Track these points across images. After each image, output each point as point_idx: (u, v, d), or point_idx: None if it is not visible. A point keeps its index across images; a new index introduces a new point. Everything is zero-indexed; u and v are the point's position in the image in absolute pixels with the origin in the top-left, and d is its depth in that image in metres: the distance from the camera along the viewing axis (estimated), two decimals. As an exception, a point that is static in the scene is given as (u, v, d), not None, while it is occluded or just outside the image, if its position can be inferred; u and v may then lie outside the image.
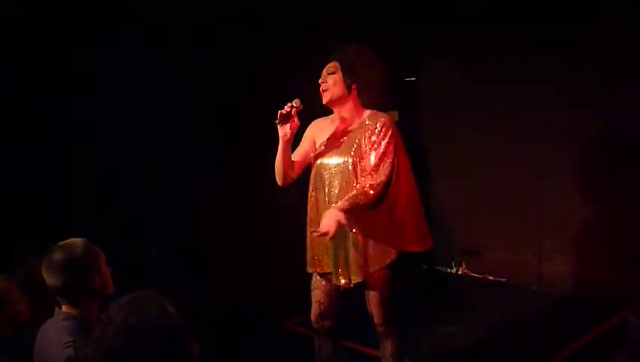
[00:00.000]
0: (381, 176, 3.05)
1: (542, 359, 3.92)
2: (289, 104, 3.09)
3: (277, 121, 3.09)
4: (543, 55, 4.71)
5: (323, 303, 3.31)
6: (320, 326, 3.34)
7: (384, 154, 3.07)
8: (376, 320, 3.25)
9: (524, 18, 4.75)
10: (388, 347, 3.31)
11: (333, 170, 3.17)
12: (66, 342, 2.13)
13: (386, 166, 3.06)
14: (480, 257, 5.44)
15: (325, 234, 2.95)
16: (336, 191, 3.14)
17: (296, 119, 3.11)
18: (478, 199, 5.30)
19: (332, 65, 3.19)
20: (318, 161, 3.23)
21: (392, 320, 3.27)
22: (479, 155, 5.25)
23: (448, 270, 5.67)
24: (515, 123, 4.99)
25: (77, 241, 2.27)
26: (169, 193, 4.28)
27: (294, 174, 3.27)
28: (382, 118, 3.15)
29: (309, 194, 3.27)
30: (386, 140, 3.08)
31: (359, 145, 3.13)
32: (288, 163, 3.21)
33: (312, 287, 3.34)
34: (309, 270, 3.32)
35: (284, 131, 3.10)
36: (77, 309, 2.25)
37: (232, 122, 4.38)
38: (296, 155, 3.29)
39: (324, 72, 3.20)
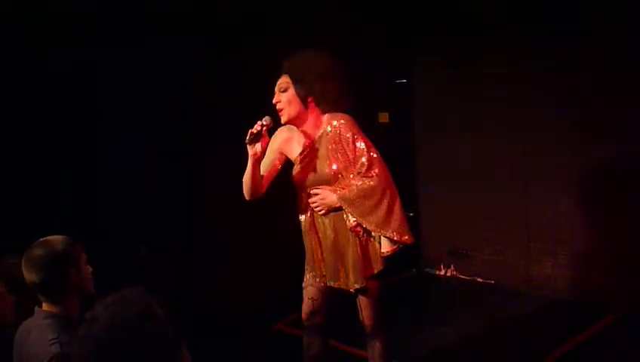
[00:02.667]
0: (374, 168, 3.05)
1: (531, 361, 3.93)
2: (259, 122, 2.99)
3: (247, 141, 3.00)
4: (533, 56, 4.73)
5: (316, 300, 3.28)
6: (311, 324, 3.31)
7: (364, 151, 3.05)
8: (367, 321, 3.23)
9: (515, 18, 4.77)
10: (377, 347, 3.29)
11: (318, 184, 3.13)
12: (51, 339, 2.12)
13: (373, 158, 3.06)
14: (469, 259, 5.45)
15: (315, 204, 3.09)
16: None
17: (266, 137, 3.04)
18: (466, 201, 5.31)
19: (283, 82, 3.09)
20: (297, 170, 3.17)
21: (381, 321, 3.26)
22: (468, 157, 5.26)
23: (437, 272, 5.68)
24: (504, 125, 5.01)
25: (57, 238, 2.25)
26: (157, 193, 4.27)
27: (263, 189, 3.21)
28: (338, 122, 3.08)
29: (299, 208, 3.24)
30: (357, 141, 3.05)
31: (332, 153, 3.08)
32: (258, 180, 3.14)
33: (305, 284, 3.32)
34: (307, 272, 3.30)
35: (254, 150, 3.02)
36: (57, 306, 2.23)
37: (225, 121, 4.37)
38: (263, 169, 3.19)
39: (276, 89, 3.10)
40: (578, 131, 4.61)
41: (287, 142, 3.23)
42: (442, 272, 5.64)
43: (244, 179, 3.13)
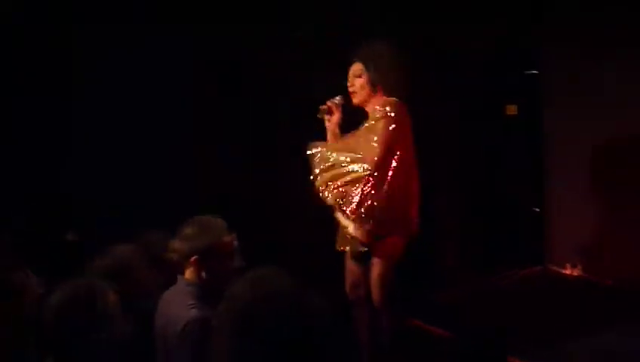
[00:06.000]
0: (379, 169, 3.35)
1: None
2: (330, 101, 3.53)
3: (318, 115, 3.54)
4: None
5: (354, 272, 3.57)
6: (355, 297, 3.59)
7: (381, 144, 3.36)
8: (375, 296, 3.47)
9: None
10: (384, 320, 3.52)
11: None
12: (190, 304, 2.31)
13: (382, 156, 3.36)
14: (597, 259, 5.21)
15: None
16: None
17: (337, 112, 3.54)
18: (598, 198, 5.07)
19: (358, 68, 3.46)
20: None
21: (388, 298, 3.47)
22: (602, 152, 5.01)
23: (563, 271, 5.47)
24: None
25: (212, 218, 2.52)
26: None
27: None
28: (384, 109, 3.39)
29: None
30: (382, 140, 3.36)
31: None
32: None
33: (346, 259, 3.61)
34: (337, 248, 3.60)
35: (327, 123, 3.55)
36: (203, 276, 2.43)
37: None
38: None
39: (351, 74, 3.49)
40: None
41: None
42: (569, 271, 5.44)
43: None
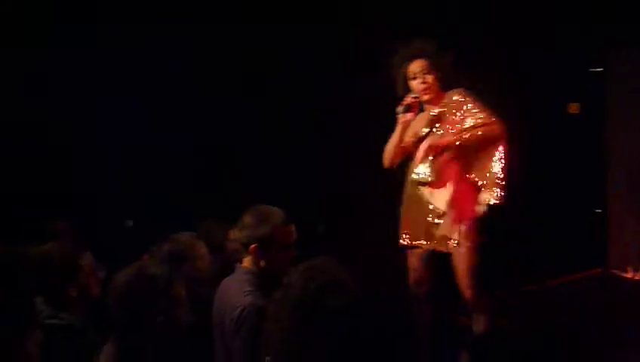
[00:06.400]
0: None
1: None
2: (409, 96, 3.56)
3: (400, 109, 3.54)
4: None
5: (418, 270, 3.57)
6: (418, 293, 3.56)
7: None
8: (466, 294, 3.45)
9: None
10: (480, 322, 3.45)
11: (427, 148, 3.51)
12: (246, 291, 2.37)
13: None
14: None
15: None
16: (427, 167, 3.50)
17: (416, 108, 3.58)
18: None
19: (425, 66, 3.54)
20: (414, 142, 3.61)
21: (481, 295, 3.45)
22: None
23: (624, 274, 5.33)
24: None
25: (271, 207, 2.60)
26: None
27: (399, 158, 3.68)
28: (458, 94, 3.56)
29: (407, 174, 3.64)
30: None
31: (446, 124, 3.53)
32: (399, 148, 3.63)
33: (409, 256, 3.62)
34: (402, 242, 3.64)
35: (404, 118, 3.55)
36: (260, 263, 2.46)
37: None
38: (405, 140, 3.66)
39: (419, 70, 3.54)
40: None
41: (419, 123, 3.68)
42: (630, 275, 5.29)
43: (387, 147, 3.62)
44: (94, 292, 2.65)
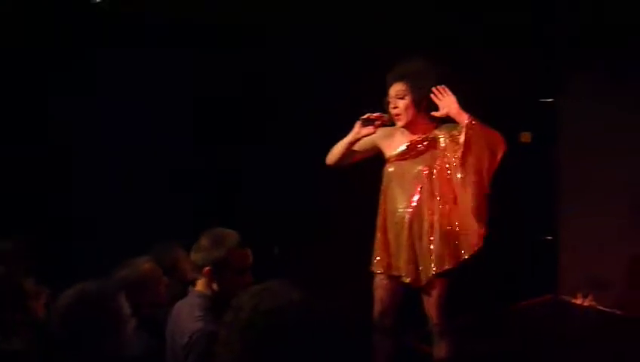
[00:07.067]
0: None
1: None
2: (379, 113, 3.39)
3: (361, 119, 3.39)
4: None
5: (385, 302, 3.50)
6: (381, 325, 3.51)
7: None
8: (434, 320, 3.41)
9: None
10: (443, 347, 3.42)
11: (407, 178, 3.40)
12: (197, 316, 2.33)
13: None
14: (610, 289, 5.16)
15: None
16: (407, 198, 3.38)
17: (375, 130, 3.40)
18: (611, 227, 5.02)
19: (401, 90, 3.35)
20: (391, 169, 3.47)
21: (447, 321, 3.42)
22: (617, 182, 4.99)
23: (574, 301, 5.43)
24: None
25: (228, 230, 2.55)
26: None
27: (346, 163, 3.56)
28: (457, 128, 3.33)
29: (380, 201, 3.51)
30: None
31: (434, 157, 3.37)
32: (346, 154, 3.50)
33: (375, 286, 3.54)
34: (374, 269, 3.54)
35: (359, 130, 3.42)
36: (214, 287, 2.43)
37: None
38: (358, 148, 3.53)
39: (394, 94, 3.37)
40: None
41: (387, 139, 3.52)
42: (579, 301, 5.39)
43: (335, 146, 3.52)
44: (39, 316, 2.59)
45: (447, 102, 3.30)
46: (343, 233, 4.41)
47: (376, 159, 3.65)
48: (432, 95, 3.30)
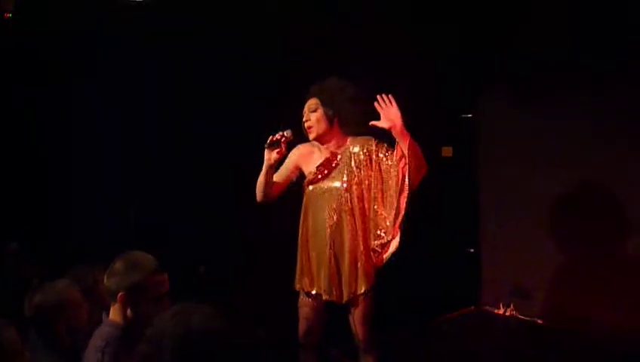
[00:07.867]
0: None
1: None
2: (280, 133, 3.33)
3: (266, 145, 3.32)
4: (603, 91, 4.63)
5: (310, 319, 3.50)
6: (306, 342, 3.51)
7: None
8: (360, 336, 3.43)
9: (584, 53, 4.68)
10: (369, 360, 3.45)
11: (325, 196, 3.42)
12: (98, 346, 2.21)
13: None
14: (530, 299, 5.30)
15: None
16: (327, 215, 3.39)
17: (283, 148, 3.35)
18: (530, 238, 5.17)
19: (313, 103, 3.43)
20: (310, 188, 3.49)
21: (373, 337, 3.44)
22: (534, 193, 5.13)
23: (496, 311, 5.55)
24: (571, 161, 4.86)
25: (142, 254, 2.41)
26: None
27: (274, 195, 3.50)
28: (369, 142, 3.41)
29: (301, 220, 3.52)
30: (390, 151, 3.35)
31: (350, 172, 3.40)
32: (270, 185, 3.44)
33: (300, 304, 3.55)
34: (297, 288, 3.55)
35: (269, 156, 3.35)
36: (125, 314, 2.32)
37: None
38: (278, 177, 3.51)
39: (306, 109, 3.45)
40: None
41: (306, 157, 3.56)
42: (501, 311, 5.51)
43: (258, 181, 3.45)
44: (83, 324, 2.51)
45: (391, 115, 3.22)
46: (267, 253, 4.36)
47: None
48: (375, 103, 3.25)
